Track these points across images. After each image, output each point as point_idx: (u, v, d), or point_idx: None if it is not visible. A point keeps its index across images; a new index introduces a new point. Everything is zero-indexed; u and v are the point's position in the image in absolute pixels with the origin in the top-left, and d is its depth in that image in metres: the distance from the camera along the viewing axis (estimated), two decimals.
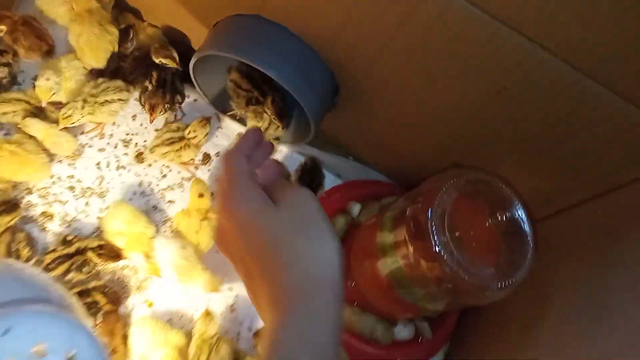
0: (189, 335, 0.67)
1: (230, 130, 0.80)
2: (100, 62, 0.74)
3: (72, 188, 0.72)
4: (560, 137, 0.57)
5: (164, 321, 0.67)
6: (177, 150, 0.74)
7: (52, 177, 0.72)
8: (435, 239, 0.54)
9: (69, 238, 0.67)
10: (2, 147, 0.66)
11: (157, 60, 0.73)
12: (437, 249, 0.54)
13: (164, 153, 0.73)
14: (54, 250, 0.66)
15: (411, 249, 0.58)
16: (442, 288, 0.58)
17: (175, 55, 0.74)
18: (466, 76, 0.54)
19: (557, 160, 0.62)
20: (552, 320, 0.62)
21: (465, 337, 0.77)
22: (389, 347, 0.73)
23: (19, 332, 0.28)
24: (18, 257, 0.65)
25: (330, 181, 0.81)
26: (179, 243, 0.70)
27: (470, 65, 0.52)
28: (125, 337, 0.66)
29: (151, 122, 0.74)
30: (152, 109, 0.73)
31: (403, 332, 0.74)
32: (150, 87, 0.73)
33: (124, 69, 0.77)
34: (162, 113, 0.74)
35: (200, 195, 0.72)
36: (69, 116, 0.69)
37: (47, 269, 0.64)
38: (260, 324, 0.72)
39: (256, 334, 0.71)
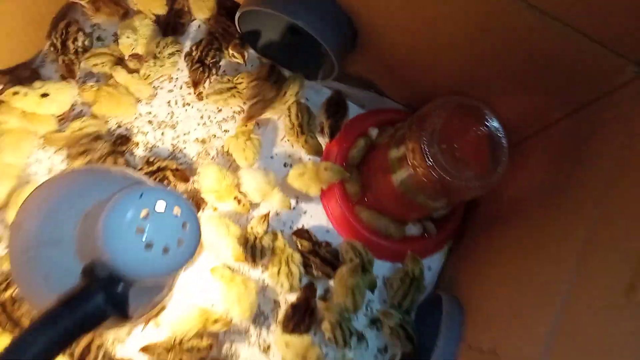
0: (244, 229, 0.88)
1: None
2: (162, 9, 0.93)
3: (150, 122, 0.92)
4: (535, 69, 0.71)
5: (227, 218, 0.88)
6: (225, 99, 0.92)
7: (135, 114, 0.92)
8: (427, 151, 0.71)
9: (151, 160, 0.88)
10: (101, 90, 0.86)
11: (229, 54, 0.92)
12: (428, 159, 0.71)
13: (216, 100, 0.92)
14: (141, 169, 0.87)
15: (410, 160, 0.75)
16: (435, 189, 0.75)
17: (245, 53, 0.92)
18: (459, 18, 0.68)
19: (533, 88, 0.75)
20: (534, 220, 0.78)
21: (467, 236, 0.94)
22: (401, 242, 0.92)
23: (146, 196, 0.47)
24: None
25: (354, 111, 0.98)
26: (261, 172, 0.89)
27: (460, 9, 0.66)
28: None
29: (195, 93, 0.92)
30: (195, 85, 0.92)
31: (413, 229, 0.92)
32: (195, 55, 0.92)
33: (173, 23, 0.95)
34: (204, 86, 0.92)
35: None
36: (148, 75, 0.89)
37: None
38: (299, 224, 0.92)
39: (295, 232, 0.91)
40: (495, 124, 0.73)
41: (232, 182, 0.87)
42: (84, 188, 0.56)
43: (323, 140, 0.95)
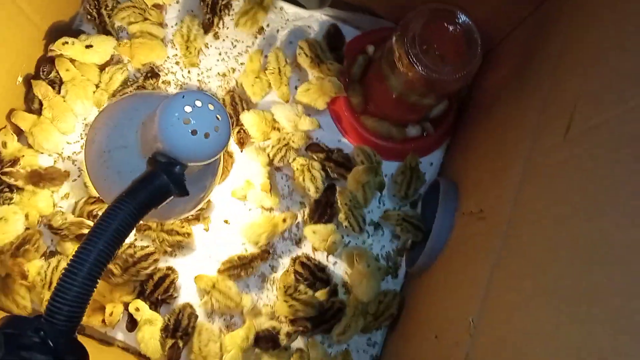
0: None
1: (287, 14, 1.11)
2: None
3: (177, 63, 1.07)
4: None
5: None
6: (253, 16, 1.05)
7: (165, 56, 1.06)
8: (409, 52, 0.84)
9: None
10: (135, 38, 1.01)
11: None
12: (412, 60, 0.84)
13: (244, 22, 1.05)
14: None
15: (398, 64, 0.88)
16: (423, 86, 0.88)
17: None
18: None
19: None
20: (505, 105, 0.90)
21: (460, 130, 1.08)
22: (403, 142, 1.06)
23: (187, 97, 0.62)
24: None
25: (352, 33, 1.10)
26: (289, 106, 1.03)
27: None
28: None
29: (211, 34, 1.06)
30: (205, 31, 1.06)
31: (412, 130, 1.06)
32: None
33: None
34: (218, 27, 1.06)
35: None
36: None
37: None
38: (314, 138, 1.06)
39: (308, 147, 1.06)
40: (467, 21, 0.85)
41: (271, 120, 1.02)
42: (139, 104, 0.72)
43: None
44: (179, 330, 0.91)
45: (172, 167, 0.62)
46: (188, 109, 0.60)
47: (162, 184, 0.61)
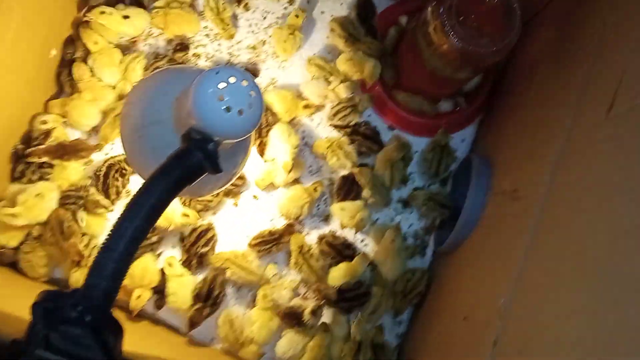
0: None
1: None
2: None
3: (207, 35, 1.06)
4: None
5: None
6: None
7: (200, 28, 1.05)
8: (446, 23, 0.81)
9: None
10: (169, 13, 1.00)
11: None
12: (448, 32, 0.81)
13: None
14: None
15: (433, 36, 0.85)
16: (458, 59, 0.86)
17: None
18: None
19: None
20: (543, 79, 0.87)
21: (494, 106, 1.05)
22: (435, 117, 1.04)
23: (221, 73, 0.62)
24: None
25: (384, 3, 1.07)
26: (317, 81, 1.03)
27: None
28: None
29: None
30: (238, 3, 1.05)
31: (445, 105, 1.04)
32: None
33: None
34: None
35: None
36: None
37: None
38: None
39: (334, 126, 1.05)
40: None
41: (294, 97, 1.02)
42: (172, 80, 0.72)
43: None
44: (210, 298, 0.93)
45: (206, 144, 0.62)
46: (222, 85, 0.60)
47: (197, 160, 0.61)
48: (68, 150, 0.95)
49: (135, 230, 0.55)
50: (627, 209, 0.51)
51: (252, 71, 1.03)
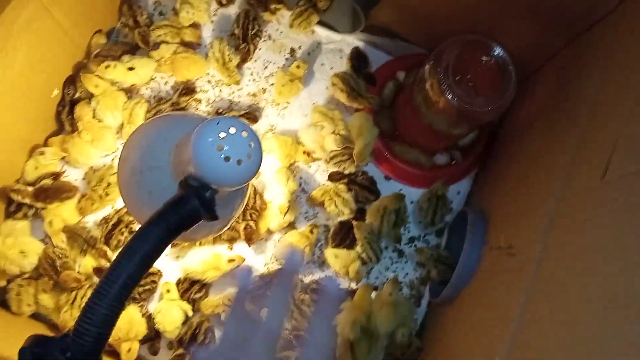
0: None
1: (319, 37, 1.12)
2: None
3: (209, 81, 1.08)
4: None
5: None
6: (307, 19, 1.06)
7: (207, 70, 1.07)
8: (442, 81, 0.83)
9: (219, 111, 1.04)
10: (176, 58, 1.03)
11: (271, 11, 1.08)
12: (445, 90, 0.83)
13: (299, 23, 1.06)
14: None
15: (431, 93, 0.87)
16: (455, 116, 0.88)
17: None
18: None
19: (535, 16, 0.86)
20: (538, 139, 0.89)
21: (489, 160, 1.06)
22: (431, 170, 1.05)
23: (222, 123, 0.63)
24: None
25: (383, 58, 1.10)
26: (314, 128, 1.04)
27: None
28: None
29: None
30: (243, 61, 1.08)
31: (441, 158, 1.05)
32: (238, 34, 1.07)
33: None
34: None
35: None
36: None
37: None
38: None
39: (329, 177, 1.06)
40: (502, 53, 0.84)
41: (294, 142, 1.03)
42: (173, 126, 0.72)
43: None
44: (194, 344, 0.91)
45: (204, 192, 0.62)
46: (222, 135, 0.60)
47: (193, 208, 0.61)
48: (50, 194, 0.94)
49: (129, 277, 0.54)
50: (620, 278, 0.51)
51: (251, 118, 1.04)
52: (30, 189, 0.94)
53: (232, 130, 0.61)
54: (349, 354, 0.88)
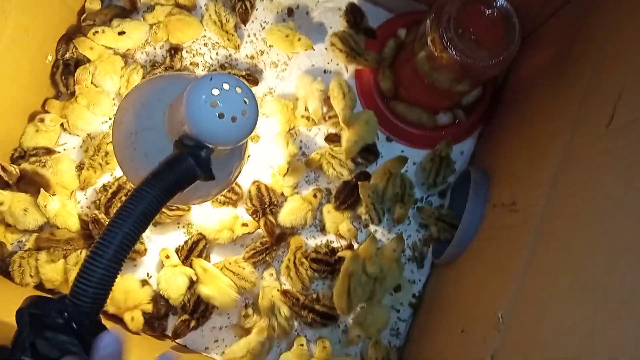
0: None
1: None
2: None
3: (205, 44, 1.06)
4: None
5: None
6: None
7: (202, 31, 1.04)
8: (444, 36, 0.80)
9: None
10: (170, 19, 1.00)
11: None
12: (447, 45, 0.81)
13: None
14: None
15: (432, 48, 0.85)
16: (457, 72, 0.85)
17: None
18: None
19: None
20: (542, 94, 0.87)
21: (493, 119, 1.04)
22: (434, 130, 1.03)
23: (215, 80, 0.61)
24: None
25: (383, 15, 1.07)
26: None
27: None
28: None
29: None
30: (244, 23, 1.05)
31: (443, 118, 1.03)
32: None
33: None
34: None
35: None
36: None
37: None
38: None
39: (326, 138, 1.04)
40: (505, 4, 0.81)
41: (292, 107, 1.01)
42: (166, 86, 0.71)
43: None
44: (197, 312, 0.92)
45: (199, 151, 0.61)
46: (215, 91, 0.59)
47: (189, 167, 0.60)
48: (28, 185, 0.93)
49: (125, 237, 0.53)
50: (626, 223, 0.50)
51: (252, 80, 1.02)
52: (16, 171, 0.92)
53: (226, 87, 0.60)
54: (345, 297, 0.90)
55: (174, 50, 1.01)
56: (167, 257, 0.93)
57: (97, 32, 0.97)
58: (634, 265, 0.46)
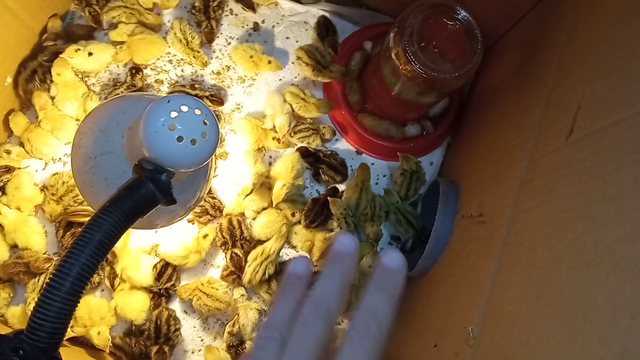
0: None
1: (283, 9, 1.09)
2: None
3: (170, 61, 1.04)
4: None
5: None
6: None
7: (167, 48, 1.03)
8: (407, 49, 0.81)
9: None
10: (133, 39, 0.98)
11: None
12: (410, 58, 0.81)
13: None
14: None
15: (396, 62, 0.85)
16: (422, 85, 0.85)
17: None
18: None
19: None
20: (507, 103, 0.87)
21: (460, 129, 1.05)
22: (402, 141, 1.03)
23: (173, 102, 0.60)
24: None
25: (349, 28, 1.07)
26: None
27: None
28: None
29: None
30: (209, 42, 1.04)
31: (412, 129, 1.03)
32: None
33: None
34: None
35: None
36: None
37: None
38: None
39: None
40: (467, 16, 0.81)
41: (265, 127, 1.00)
42: (125, 108, 0.69)
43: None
44: (161, 337, 0.90)
45: (159, 175, 0.59)
46: (174, 114, 0.58)
47: (148, 192, 0.59)
48: None
49: (83, 268, 0.52)
50: (588, 237, 0.50)
51: (216, 100, 1.00)
52: None
53: (184, 109, 0.59)
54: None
55: (135, 70, 0.99)
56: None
57: (79, 49, 0.96)
58: (595, 281, 0.46)
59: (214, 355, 0.89)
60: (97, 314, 0.88)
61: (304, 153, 0.99)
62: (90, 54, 0.97)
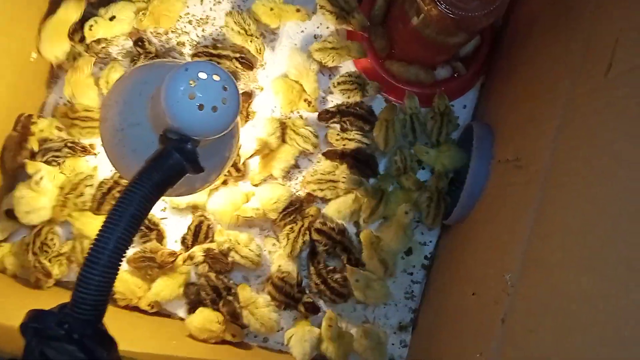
0: None
1: None
2: None
3: (190, 22, 1.02)
4: None
5: None
6: None
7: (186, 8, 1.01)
8: None
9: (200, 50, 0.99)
10: (153, 3, 0.97)
11: None
12: None
13: None
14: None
15: (421, 2, 0.80)
16: (449, 25, 0.81)
17: None
18: None
19: None
20: (542, 40, 0.82)
21: (494, 69, 0.99)
22: (433, 86, 0.99)
23: (190, 69, 0.59)
24: None
25: None
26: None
27: None
28: None
29: None
30: None
31: (442, 72, 0.99)
32: None
33: None
34: None
35: None
36: None
37: None
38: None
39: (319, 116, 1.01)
40: None
41: (299, 89, 0.98)
42: (147, 78, 0.69)
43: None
44: (221, 297, 0.92)
45: (184, 144, 0.59)
46: (192, 82, 0.57)
47: (175, 162, 0.59)
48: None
49: (118, 241, 0.53)
50: (633, 179, 0.47)
51: (246, 62, 0.98)
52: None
53: (203, 76, 0.57)
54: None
55: (139, 41, 0.97)
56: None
57: (91, 25, 0.95)
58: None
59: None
60: (137, 291, 0.92)
61: (325, 116, 0.97)
62: (112, 18, 0.96)
